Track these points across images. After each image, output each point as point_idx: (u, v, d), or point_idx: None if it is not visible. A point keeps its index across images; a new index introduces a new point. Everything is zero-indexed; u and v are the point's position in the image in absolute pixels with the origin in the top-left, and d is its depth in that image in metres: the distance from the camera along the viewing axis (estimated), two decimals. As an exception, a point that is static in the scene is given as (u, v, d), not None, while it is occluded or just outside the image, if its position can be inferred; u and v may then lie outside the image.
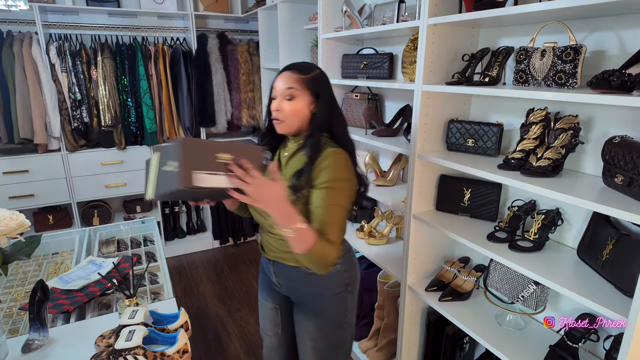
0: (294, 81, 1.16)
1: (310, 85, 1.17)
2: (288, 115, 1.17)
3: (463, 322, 1.55)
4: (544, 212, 1.39)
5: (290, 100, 1.17)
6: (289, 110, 1.17)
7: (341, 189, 1.11)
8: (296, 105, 1.16)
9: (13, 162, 2.77)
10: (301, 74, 1.17)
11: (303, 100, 1.17)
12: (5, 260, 1.14)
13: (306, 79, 1.17)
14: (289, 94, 1.16)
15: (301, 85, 1.16)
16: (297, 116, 1.17)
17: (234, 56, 3.36)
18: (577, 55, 1.15)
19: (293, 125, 1.19)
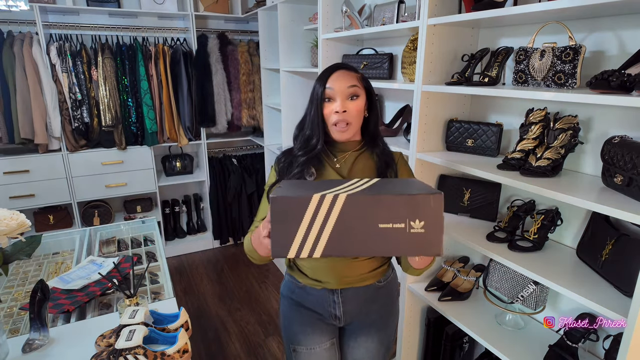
0: (355, 79, 1.07)
1: (366, 84, 1.10)
2: (355, 116, 1.06)
3: (463, 322, 1.55)
4: (544, 212, 1.39)
5: (354, 100, 1.06)
6: (355, 110, 1.06)
7: None
8: (360, 104, 1.07)
9: (13, 162, 2.77)
10: (355, 73, 1.09)
11: (363, 100, 1.08)
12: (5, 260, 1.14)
13: (362, 76, 1.10)
14: (353, 92, 1.06)
15: (360, 83, 1.08)
16: (360, 119, 1.08)
17: (234, 56, 3.37)
18: (577, 55, 1.15)
19: (357, 129, 1.10)
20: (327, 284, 1.15)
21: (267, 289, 3.03)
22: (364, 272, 1.15)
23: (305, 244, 0.73)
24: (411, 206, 0.70)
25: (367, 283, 1.16)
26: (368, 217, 0.71)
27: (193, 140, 3.35)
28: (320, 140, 1.08)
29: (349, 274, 1.14)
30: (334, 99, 1.06)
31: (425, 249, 0.71)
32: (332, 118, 1.06)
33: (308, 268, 1.17)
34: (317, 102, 1.08)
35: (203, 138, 3.41)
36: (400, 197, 0.71)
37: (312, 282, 1.17)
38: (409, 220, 0.71)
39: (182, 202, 3.68)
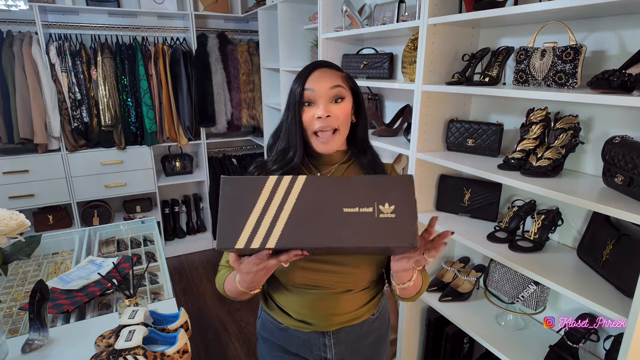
0: (339, 78, 0.91)
1: (352, 84, 0.94)
2: (342, 121, 0.90)
3: (463, 322, 1.55)
4: (544, 212, 1.39)
5: (338, 103, 0.90)
6: (343, 114, 0.90)
7: None
8: (346, 107, 0.91)
9: (13, 162, 2.76)
10: (339, 71, 0.93)
11: (349, 103, 0.92)
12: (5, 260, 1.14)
13: (347, 75, 0.94)
14: (337, 93, 0.89)
15: (345, 83, 0.92)
16: (347, 124, 0.93)
17: (234, 56, 3.36)
18: (577, 55, 1.15)
19: (344, 136, 0.94)
20: (316, 326, 0.97)
21: (266, 289, 3.02)
22: (356, 307, 0.97)
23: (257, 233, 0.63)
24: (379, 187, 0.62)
25: (361, 319, 1.00)
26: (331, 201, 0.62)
27: (193, 140, 3.35)
28: (297, 152, 0.91)
29: (340, 311, 0.95)
30: (315, 103, 0.90)
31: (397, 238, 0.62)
32: (314, 125, 0.89)
33: (290, 306, 0.97)
34: (295, 107, 0.90)
35: (203, 138, 3.41)
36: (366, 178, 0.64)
37: (298, 324, 0.98)
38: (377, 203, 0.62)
39: (182, 202, 3.68)
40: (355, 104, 0.96)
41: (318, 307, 0.94)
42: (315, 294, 0.93)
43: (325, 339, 0.99)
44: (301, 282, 0.92)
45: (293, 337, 1.00)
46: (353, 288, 0.95)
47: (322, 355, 1.01)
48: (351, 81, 0.95)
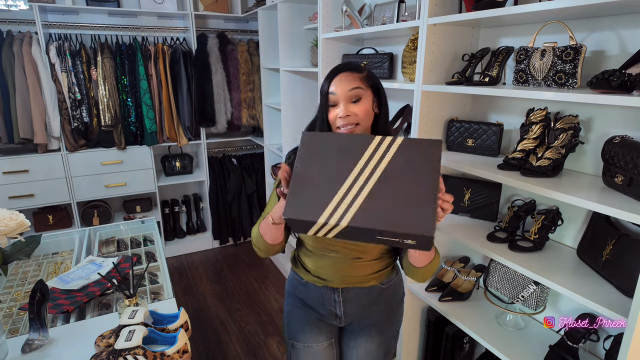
0: (357, 80, 1.05)
1: (372, 82, 1.08)
2: (362, 118, 1.05)
3: (463, 322, 1.55)
4: (544, 212, 1.39)
5: (357, 102, 1.05)
6: (361, 112, 1.04)
7: None
8: (365, 105, 1.05)
9: (13, 162, 2.76)
10: (358, 72, 1.07)
11: (369, 99, 1.06)
12: (5, 260, 1.14)
13: (366, 76, 1.07)
14: (355, 95, 1.04)
15: (364, 83, 1.06)
16: (368, 116, 1.06)
17: (234, 56, 3.36)
18: (577, 55, 1.15)
19: (365, 127, 1.08)
20: (329, 282, 1.16)
21: (267, 289, 3.02)
22: (366, 273, 1.16)
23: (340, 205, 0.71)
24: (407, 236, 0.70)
25: (369, 284, 1.17)
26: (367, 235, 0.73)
27: (193, 140, 3.35)
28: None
29: (352, 273, 1.15)
30: (338, 104, 1.06)
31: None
32: (337, 122, 1.06)
33: (311, 264, 1.19)
34: (323, 108, 1.09)
35: (203, 138, 3.41)
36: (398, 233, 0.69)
37: (314, 279, 1.19)
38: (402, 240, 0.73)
39: (182, 202, 3.68)
40: (378, 98, 1.10)
41: (332, 267, 1.14)
42: (332, 257, 1.14)
43: (335, 294, 1.17)
44: (321, 246, 1.15)
45: (310, 290, 1.21)
46: (363, 257, 1.14)
47: (332, 311, 1.19)
48: (372, 79, 1.09)
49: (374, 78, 1.10)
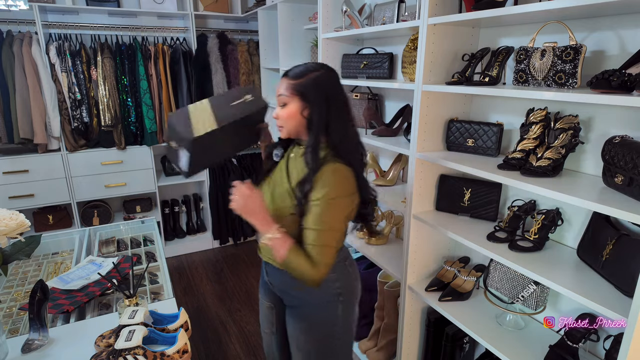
0: (284, 88, 1.17)
1: (298, 91, 1.15)
2: (284, 121, 1.19)
3: (463, 322, 1.55)
4: (544, 212, 1.39)
5: (283, 107, 1.18)
6: (284, 116, 1.18)
7: (334, 207, 1.10)
8: (288, 111, 1.17)
9: (13, 162, 2.77)
10: (292, 80, 1.16)
11: (294, 106, 1.16)
12: (5, 260, 1.14)
13: (295, 84, 1.15)
14: (281, 101, 1.18)
15: (290, 91, 1.16)
16: (292, 121, 1.18)
17: (234, 56, 3.36)
18: (577, 55, 1.15)
19: (291, 130, 1.20)
20: (262, 254, 1.36)
21: (266, 289, 3.02)
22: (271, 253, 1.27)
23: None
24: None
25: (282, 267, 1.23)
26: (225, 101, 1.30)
27: (193, 140, 3.34)
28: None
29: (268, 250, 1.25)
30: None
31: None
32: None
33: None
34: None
35: (203, 138, 3.40)
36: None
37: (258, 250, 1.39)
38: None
39: (182, 202, 3.68)
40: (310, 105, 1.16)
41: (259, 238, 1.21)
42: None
43: (263, 263, 1.40)
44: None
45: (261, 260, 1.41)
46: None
47: (266, 278, 1.40)
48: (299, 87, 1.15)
49: (309, 88, 1.14)
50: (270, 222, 1.12)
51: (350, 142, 1.19)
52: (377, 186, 2.10)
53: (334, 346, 1.34)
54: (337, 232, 1.13)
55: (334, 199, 1.09)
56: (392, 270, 1.91)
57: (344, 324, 1.32)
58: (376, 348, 2.12)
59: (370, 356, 2.12)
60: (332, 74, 1.19)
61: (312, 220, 1.10)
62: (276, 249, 1.10)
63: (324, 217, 1.09)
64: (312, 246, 1.09)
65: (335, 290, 1.28)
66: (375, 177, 2.17)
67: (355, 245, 2.19)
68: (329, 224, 1.10)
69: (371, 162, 2.18)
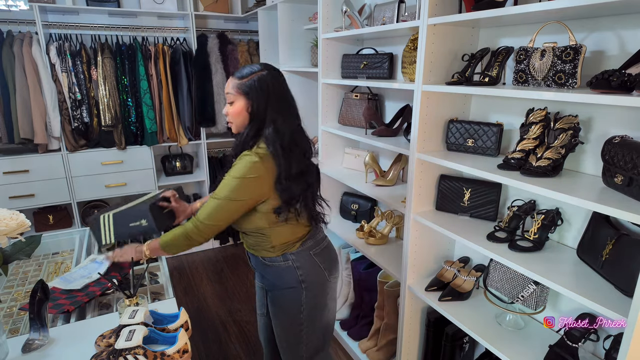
0: (231, 87, 1.27)
1: (243, 90, 1.25)
2: (232, 117, 1.30)
3: (463, 322, 1.55)
4: (544, 212, 1.39)
5: (232, 104, 1.29)
6: (232, 113, 1.29)
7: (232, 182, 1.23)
8: (235, 108, 1.28)
9: (13, 162, 2.77)
10: (238, 80, 1.26)
11: (239, 103, 1.27)
12: (5, 260, 1.14)
13: (240, 83, 1.26)
14: (229, 99, 1.29)
15: (235, 90, 1.26)
16: (239, 117, 1.29)
17: (234, 56, 3.36)
18: (577, 55, 1.15)
19: (239, 126, 1.32)
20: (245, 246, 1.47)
21: (267, 288, 3.02)
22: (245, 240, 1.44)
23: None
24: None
25: (254, 253, 1.42)
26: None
27: (193, 140, 3.35)
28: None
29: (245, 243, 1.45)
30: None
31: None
32: None
33: None
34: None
35: (203, 138, 3.41)
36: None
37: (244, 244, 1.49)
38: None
39: (182, 202, 3.67)
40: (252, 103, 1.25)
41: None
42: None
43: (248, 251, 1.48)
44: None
45: None
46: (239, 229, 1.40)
47: (249, 262, 1.50)
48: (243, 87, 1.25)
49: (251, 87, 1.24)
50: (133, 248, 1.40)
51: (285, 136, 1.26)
52: (376, 186, 2.10)
53: (300, 332, 1.43)
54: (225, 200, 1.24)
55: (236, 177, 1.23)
56: (392, 270, 1.91)
57: (309, 311, 1.41)
58: (376, 348, 2.12)
59: (370, 356, 2.12)
60: (275, 73, 1.28)
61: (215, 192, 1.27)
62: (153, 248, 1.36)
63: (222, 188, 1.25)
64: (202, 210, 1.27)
65: (299, 277, 1.38)
66: (375, 177, 2.18)
67: (355, 245, 2.19)
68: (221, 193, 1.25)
69: (371, 162, 2.18)
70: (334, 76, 2.28)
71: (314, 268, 1.40)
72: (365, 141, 1.97)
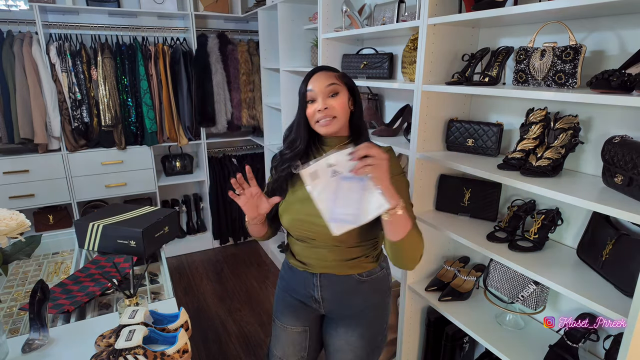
0: (334, 77, 1.14)
1: (346, 80, 1.16)
2: (338, 110, 1.12)
3: (463, 322, 1.55)
4: (544, 212, 1.39)
5: (334, 97, 1.12)
6: (338, 105, 1.12)
7: (403, 182, 1.14)
8: (342, 100, 1.13)
9: (13, 162, 2.77)
10: (334, 72, 1.16)
11: (345, 95, 1.14)
12: (5, 260, 1.14)
13: (340, 75, 1.16)
14: (333, 89, 1.12)
15: (340, 80, 1.14)
16: (345, 111, 1.14)
17: (234, 56, 3.36)
18: (577, 55, 1.15)
19: (342, 122, 1.14)
20: (309, 267, 1.24)
21: (267, 289, 3.03)
22: (343, 258, 1.19)
23: None
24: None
25: (347, 272, 1.21)
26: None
27: (193, 140, 3.35)
28: (302, 141, 1.18)
29: (328, 258, 1.20)
30: (316, 100, 1.13)
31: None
32: (316, 116, 1.13)
33: (296, 250, 1.27)
34: (301, 105, 1.17)
35: (203, 138, 3.41)
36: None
37: (297, 263, 1.28)
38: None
39: (182, 202, 3.68)
40: (353, 97, 1.17)
41: (311, 252, 1.22)
42: (312, 243, 1.21)
43: (314, 278, 1.24)
44: (299, 234, 1.22)
45: (295, 273, 1.29)
46: (340, 244, 1.17)
47: (311, 294, 1.26)
48: (346, 78, 1.17)
49: (348, 78, 1.18)
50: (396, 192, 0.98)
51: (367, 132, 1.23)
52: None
53: (382, 342, 1.32)
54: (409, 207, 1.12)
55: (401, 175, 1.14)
56: (392, 270, 1.91)
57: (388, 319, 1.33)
58: (376, 348, 2.12)
59: (370, 356, 2.12)
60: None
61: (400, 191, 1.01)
62: (401, 224, 0.99)
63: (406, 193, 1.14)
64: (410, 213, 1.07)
65: (389, 284, 1.30)
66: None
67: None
68: (407, 198, 1.14)
69: (371, 162, 2.18)
70: (334, 76, 2.27)
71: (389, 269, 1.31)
72: (365, 141, 1.97)
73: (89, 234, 1.62)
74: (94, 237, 1.60)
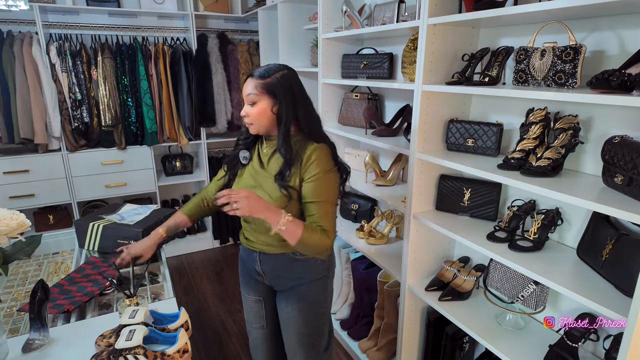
0: (253, 87, 1.25)
1: (267, 89, 1.24)
2: (254, 118, 1.27)
3: (463, 322, 1.55)
4: (544, 212, 1.39)
5: (253, 106, 1.26)
6: (253, 114, 1.26)
7: (328, 180, 1.24)
8: (258, 109, 1.25)
9: (13, 162, 2.77)
10: (259, 79, 1.25)
11: (263, 103, 1.25)
12: (5, 260, 1.14)
13: (263, 83, 1.24)
14: (250, 100, 1.25)
15: (259, 90, 1.24)
16: (262, 117, 1.26)
17: (234, 56, 3.36)
18: (577, 55, 1.15)
19: (262, 126, 1.28)
20: (252, 244, 1.41)
21: (267, 288, 3.02)
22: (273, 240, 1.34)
23: None
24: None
25: (280, 251, 1.35)
26: None
27: (193, 140, 3.35)
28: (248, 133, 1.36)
29: (264, 238, 1.36)
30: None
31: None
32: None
33: (244, 229, 1.45)
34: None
35: (203, 138, 3.41)
36: None
37: (244, 240, 1.46)
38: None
39: (182, 202, 3.68)
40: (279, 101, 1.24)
41: (253, 231, 1.40)
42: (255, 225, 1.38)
43: (255, 254, 1.42)
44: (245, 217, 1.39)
45: (244, 251, 1.50)
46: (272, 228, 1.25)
47: (255, 268, 1.44)
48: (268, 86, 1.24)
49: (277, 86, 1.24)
50: (278, 210, 1.18)
51: (318, 126, 1.31)
52: (377, 186, 2.10)
53: (324, 322, 1.46)
54: (334, 202, 1.27)
55: (327, 172, 1.23)
56: (392, 270, 1.91)
57: (329, 300, 1.46)
58: (376, 347, 2.12)
59: (370, 356, 2.12)
60: (293, 72, 1.29)
61: (314, 194, 1.22)
62: (292, 231, 1.17)
63: (323, 189, 1.23)
64: (320, 216, 1.22)
65: (327, 264, 1.41)
66: (375, 177, 2.17)
67: (355, 244, 2.19)
68: (327, 195, 1.24)
69: (371, 162, 2.18)
70: (334, 76, 2.28)
71: (332, 256, 1.43)
72: (365, 141, 1.97)
73: (89, 234, 1.63)
74: (94, 237, 1.62)
